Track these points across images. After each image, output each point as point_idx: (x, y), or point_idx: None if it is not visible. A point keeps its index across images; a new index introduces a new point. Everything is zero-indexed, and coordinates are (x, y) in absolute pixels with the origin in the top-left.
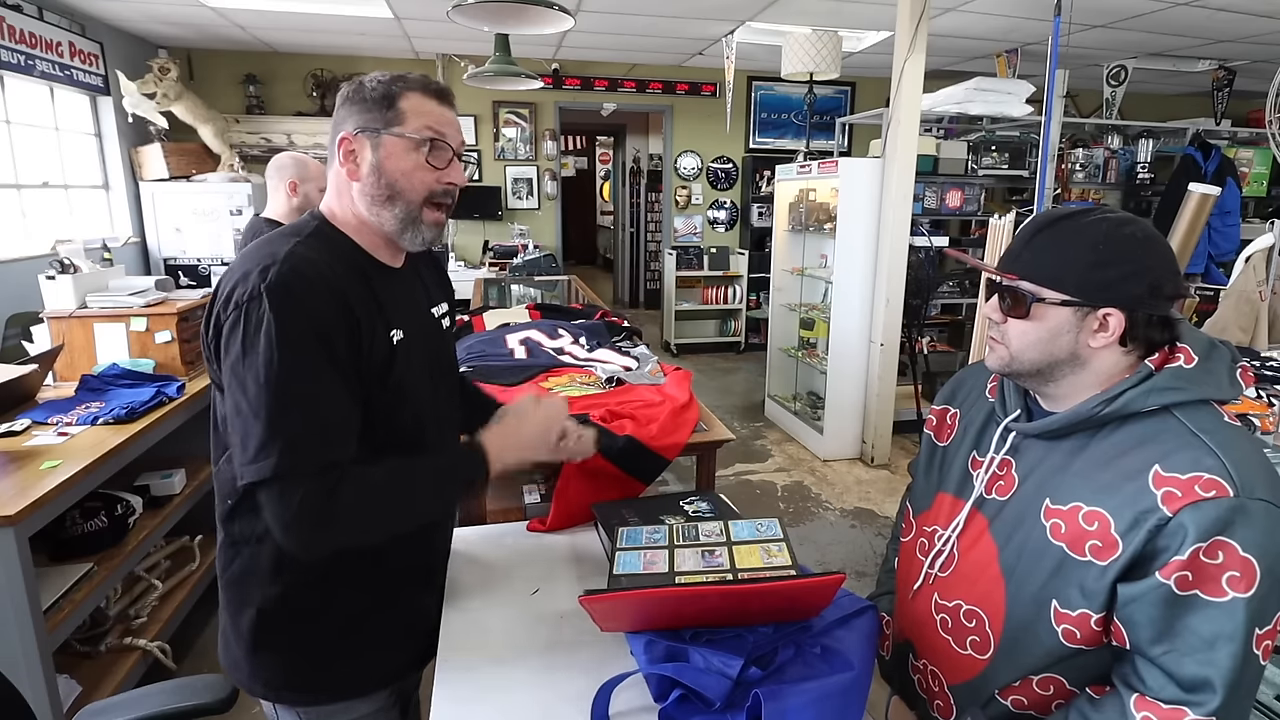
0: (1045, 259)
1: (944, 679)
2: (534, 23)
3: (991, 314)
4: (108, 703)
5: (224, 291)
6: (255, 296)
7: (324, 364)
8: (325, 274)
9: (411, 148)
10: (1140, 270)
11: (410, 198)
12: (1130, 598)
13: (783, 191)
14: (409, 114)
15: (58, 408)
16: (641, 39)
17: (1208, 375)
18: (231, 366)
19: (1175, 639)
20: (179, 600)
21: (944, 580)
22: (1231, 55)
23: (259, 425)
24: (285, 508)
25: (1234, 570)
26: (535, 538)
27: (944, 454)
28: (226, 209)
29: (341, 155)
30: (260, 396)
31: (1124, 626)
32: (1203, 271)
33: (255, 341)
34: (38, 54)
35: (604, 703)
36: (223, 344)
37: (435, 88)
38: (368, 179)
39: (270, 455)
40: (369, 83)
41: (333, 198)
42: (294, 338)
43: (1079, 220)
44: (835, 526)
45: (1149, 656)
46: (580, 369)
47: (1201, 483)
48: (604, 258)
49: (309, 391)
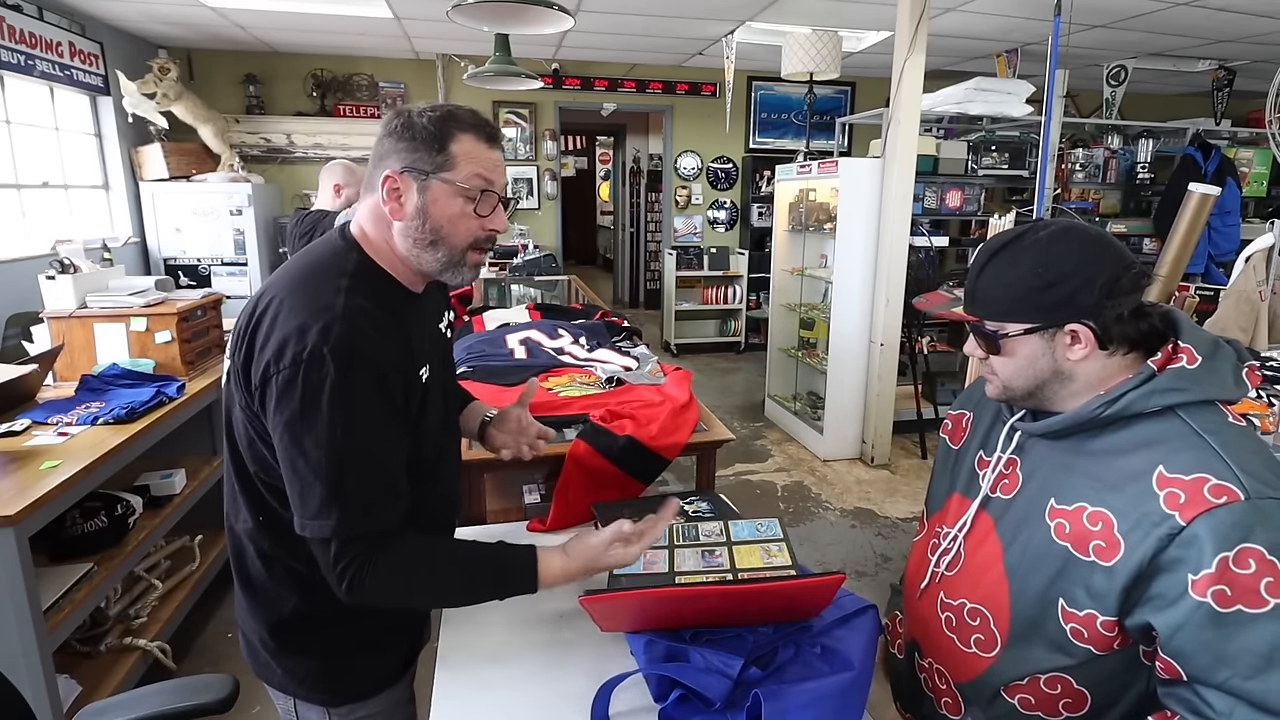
0: (996, 293)
1: (950, 677)
2: (534, 23)
3: (973, 352)
4: (108, 703)
5: (275, 340)
6: (318, 357)
7: (383, 425)
8: (379, 334)
9: (460, 195)
10: (1087, 279)
11: (454, 243)
12: (1173, 628)
13: (783, 191)
14: (460, 159)
15: (58, 408)
16: (641, 39)
17: (1211, 375)
18: (287, 423)
19: (1234, 663)
20: (179, 600)
21: (950, 579)
22: (1231, 55)
23: (320, 486)
24: (343, 565)
25: (1268, 576)
26: (535, 537)
27: (957, 456)
28: (226, 209)
29: (385, 192)
30: (322, 459)
31: (1175, 660)
32: (1203, 271)
33: (317, 403)
34: (38, 54)
35: (604, 703)
36: (274, 397)
37: (487, 130)
38: (411, 221)
39: (330, 517)
40: (419, 118)
41: (369, 223)
42: (358, 402)
43: (1015, 247)
44: (835, 526)
45: (1213, 685)
46: (580, 369)
47: (1210, 488)
48: (604, 258)
49: (371, 454)
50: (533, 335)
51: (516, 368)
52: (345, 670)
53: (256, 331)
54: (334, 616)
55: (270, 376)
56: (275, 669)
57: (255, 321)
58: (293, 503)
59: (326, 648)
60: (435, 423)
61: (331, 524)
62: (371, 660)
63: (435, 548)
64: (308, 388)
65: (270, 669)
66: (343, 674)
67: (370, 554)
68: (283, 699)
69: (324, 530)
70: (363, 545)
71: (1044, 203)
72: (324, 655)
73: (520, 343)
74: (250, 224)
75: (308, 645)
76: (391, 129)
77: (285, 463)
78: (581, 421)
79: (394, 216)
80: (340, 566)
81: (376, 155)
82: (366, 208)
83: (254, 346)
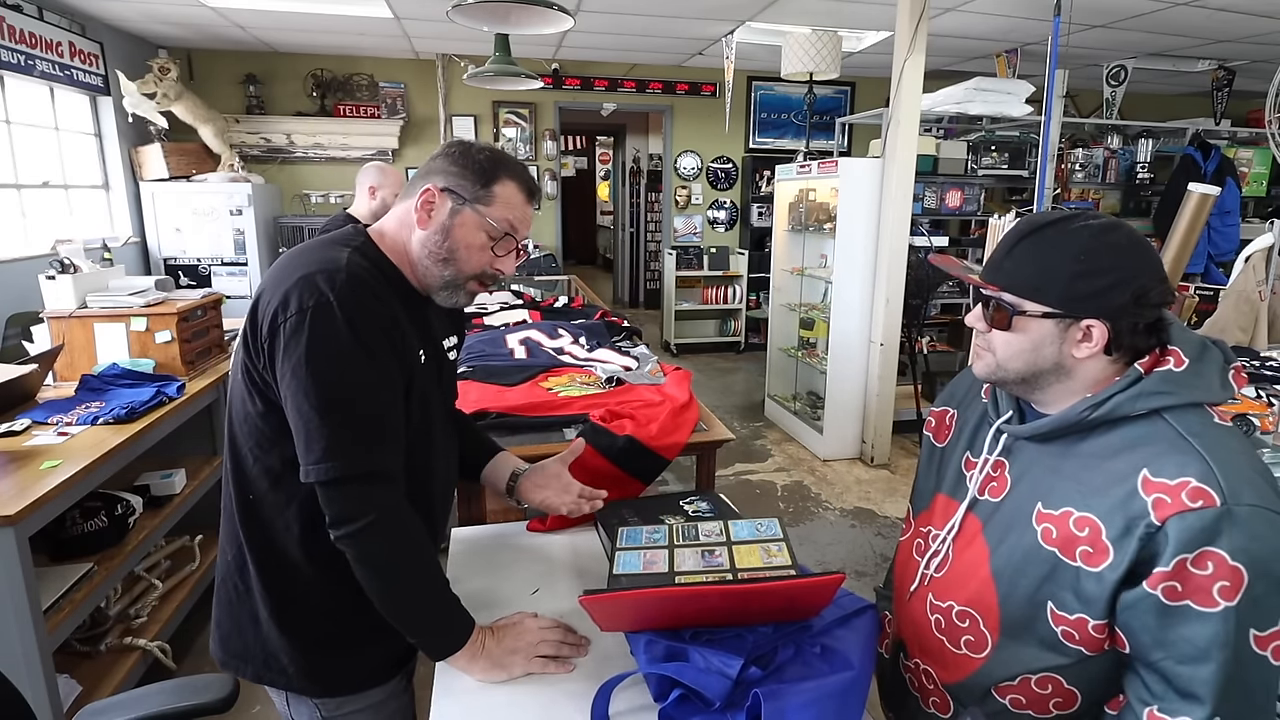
0: (1027, 269)
1: (940, 678)
2: (534, 23)
3: (975, 323)
4: (108, 702)
5: (281, 292)
6: (325, 303)
7: (384, 371)
8: (380, 286)
9: (485, 230)
10: (1124, 279)
11: (463, 268)
12: (1125, 605)
13: (782, 191)
14: (498, 199)
15: (58, 407)
16: (641, 39)
17: (1198, 378)
18: (294, 368)
19: (1170, 647)
20: (179, 600)
21: (938, 581)
22: (1231, 55)
23: (326, 427)
24: (343, 502)
25: (1224, 580)
26: (535, 538)
27: (942, 455)
28: (226, 209)
29: (420, 201)
30: (329, 399)
31: (1123, 633)
32: (1203, 271)
33: (325, 345)
34: (38, 54)
35: (604, 703)
36: (283, 344)
37: (530, 185)
38: (432, 235)
39: (337, 456)
40: (476, 153)
41: (393, 223)
42: (362, 345)
43: (1062, 228)
44: (835, 526)
45: (1149, 662)
46: (580, 369)
47: (1189, 491)
48: (604, 258)
49: (375, 396)
50: (533, 335)
51: (516, 368)
52: (334, 663)
53: (261, 296)
54: (326, 603)
55: (279, 325)
56: (258, 655)
57: (261, 289)
58: (300, 451)
59: (318, 637)
60: (428, 407)
61: (338, 463)
62: (363, 655)
63: (425, 541)
64: (314, 331)
65: (249, 656)
66: (332, 667)
67: (370, 495)
68: (276, 694)
69: (330, 471)
70: (365, 485)
71: (1044, 203)
72: (314, 645)
73: (520, 343)
74: (250, 224)
75: (300, 633)
76: (448, 152)
77: (293, 409)
78: (581, 421)
79: (419, 225)
80: (340, 504)
81: (424, 170)
82: (397, 212)
83: (259, 305)
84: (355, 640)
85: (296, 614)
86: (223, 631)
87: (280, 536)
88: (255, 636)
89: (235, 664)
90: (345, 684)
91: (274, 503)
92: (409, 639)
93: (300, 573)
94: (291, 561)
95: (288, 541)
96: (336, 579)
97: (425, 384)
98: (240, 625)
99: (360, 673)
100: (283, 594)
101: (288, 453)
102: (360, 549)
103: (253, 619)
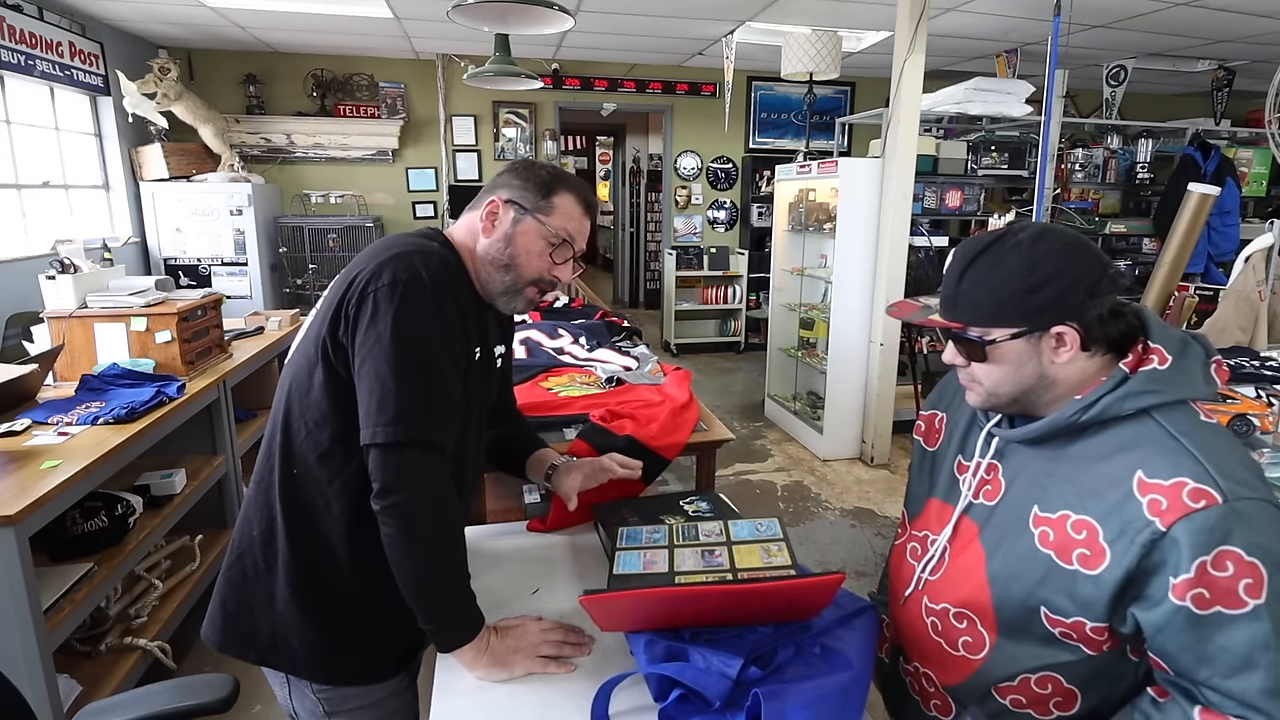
0: (979, 298)
1: (939, 680)
2: (534, 23)
3: (953, 360)
4: (108, 702)
5: (373, 265)
6: (417, 280)
7: (456, 353)
8: (459, 280)
9: (544, 237)
10: (1074, 279)
11: (522, 274)
12: (1156, 628)
13: (782, 191)
14: (557, 210)
15: (58, 407)
16: (641, 39)
17: (1182, 375)
18: (378, 335)
19: (1214, 663)
20: (179, 600)
21: (933, 583)
22: (1231, 55)
23: (399, 391)
24: (402, 472)
25: (1247, 577)
26: (535, 538)
27: (933, 459)
28: (226, 209)
29: (485, 212)
30: (404, 366)
31: (1161, 659)
32: (1203, 271)
33: (409, 317)
34: (38, 54)
35: (604, 703)
36: (370, 310)
37: (588, 199)
38: (495, 242)
39: (406, 419)
40: (540, 169)
41: (463, 230)
42: (442, 323)
43: (996, 250)
44: (835, 526)
45: (1197, 681)
46: (580, 369)
47: (1189, 492)
48: (604, 258)
49: (446, 371)
50: (533, 335)
51: (516, 367)
52: (344, 650)
53: (354, 269)
54: (352, 589)
55: (369, 293)
56: (266, 636)
57: (353, 266)
58: (368, 414)
59: (335, 621)
60: (474, 400)
61: (406, 426)
62: (374, 646)
63: (461, 525)
64: (405, 301)
65: (255, 638)
66: (341, 653)
67: (424, 464)
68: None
69: (397, 433)
70: (423, 453)
71: (1044, 203)
72: (329, 629)
73: (520, 343)
74: (250, 224)
75: (317, 614)
76: (513, 168)
77: (370, 373)
78: (581, 421)
79: (484, 233)
80: (394, 468)
81: (490, 184)
82: (464, 221)
83: (352, 276)
84: (370, 630)
85: (318, 594)
86: (226, 612)
87: (320, 512)
88: (267, 616)
89: (236, 647)
90: (350, 673)
91: (317, 478)
92: (423, 624)
93: (333, 553)
94: (325, 539)
95: (326, 519)
96: (366, 564)
97: (474, 379)
98: (250, 605)
99: (368, 664)
100: (309, 572)
101: (338, 430)
102: (402, 519)
103: (267, 597)
